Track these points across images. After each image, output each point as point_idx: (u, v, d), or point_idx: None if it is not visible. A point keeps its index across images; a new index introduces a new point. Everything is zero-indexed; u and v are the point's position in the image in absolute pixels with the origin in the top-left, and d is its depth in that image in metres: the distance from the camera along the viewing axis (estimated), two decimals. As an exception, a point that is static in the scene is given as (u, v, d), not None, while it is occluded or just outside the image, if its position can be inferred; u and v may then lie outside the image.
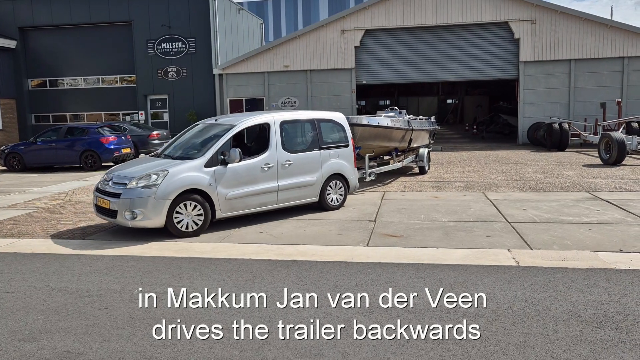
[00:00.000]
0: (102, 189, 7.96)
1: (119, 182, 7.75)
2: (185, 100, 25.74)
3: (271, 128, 8.63)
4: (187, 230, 7.64)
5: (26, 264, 6.49)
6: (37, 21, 26.66)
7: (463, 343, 3.97)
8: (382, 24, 23.10)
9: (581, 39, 21.79)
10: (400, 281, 5.43)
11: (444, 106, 44.36)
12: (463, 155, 18.85)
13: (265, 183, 8.38)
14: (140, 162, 8.74)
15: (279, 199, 8.64)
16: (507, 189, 11.25)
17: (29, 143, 17.55)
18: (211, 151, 7.94)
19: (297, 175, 8.79)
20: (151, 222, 7.49)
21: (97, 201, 8.02)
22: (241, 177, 8.10)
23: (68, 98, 27.38)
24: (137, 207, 7.38)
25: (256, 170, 8.29)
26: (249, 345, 4.03)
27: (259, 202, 8.38)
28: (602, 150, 15.22)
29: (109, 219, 7.84)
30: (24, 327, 4.52)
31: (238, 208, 8.15)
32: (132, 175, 7.74)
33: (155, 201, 7.40)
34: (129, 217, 7.45)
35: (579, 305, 4.66)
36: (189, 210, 7.63)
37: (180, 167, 7.71)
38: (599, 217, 8.27)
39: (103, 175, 8.39)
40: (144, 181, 7.51)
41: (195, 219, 7.69)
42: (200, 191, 7.71)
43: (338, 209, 9.45)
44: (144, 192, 7.42)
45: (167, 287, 5.45)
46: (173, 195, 7.49)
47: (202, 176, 7.74)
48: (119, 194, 7.54)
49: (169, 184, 7.48)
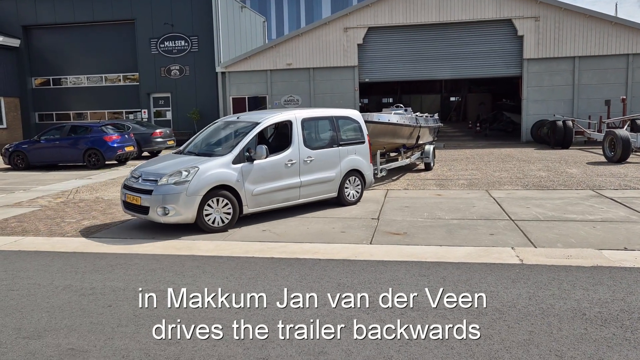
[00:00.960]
0: (131, 186, 8.03)
1: (148, 179, 7.84)
2: (188, 99, 25.76)
3: (293, 125, 8.80)
4: (216, 226, 7.79)
5: (30, 262, 6.51)
6: (41, 20, 26.71)
7: (467, 341, 3.96)
8: (385, 21, 23.05)
9: (585, 36, 21.70)
10: (403, 279, 5.42)
11: (447, 104, 44.26)
12: (466, 153, 18.80)
13: (289, 179, 8.56)
14: (165, 159, 8.83)
15: (301, 195, 8.81)
16: (510, 186, 11.22)
17: (32, 141, 17.60)
18: (238, 148, 8.09)
19: (318, 171, 8.98)
20: (182, 218, 7.59)
21: (125, 198, 8.07)
22: (266, 174, 8.27)
23: (71, 96, 27.45)
24: (169, 203, 7.49)
25: (280, 166, 8.45)
26: (252, 344, 4.03)
27: (283, 197, 8.55)
28: (607, 148, 15.16)
29: (140, 215, 7.91)
30: (28, 325, 4.53)
31: (263, 203, 8.32)
32: (161, 171, 7.85)
33: (186, 197, 7.51)
34: (160, 213, 7.54)
35: (584, 303, 4.65)
36: (218, 206, 7.78)
37: (210, 164, 7.84)
38: (603, 215, 8.24)
39: (130, 172, 8.48)
40: (175, 177, 7.61)
41: (224, 214, 7.83)
42: (228, 187, 7.87)
43: (355, 204, 9.61)
44: (176, 189, 7.53)
45: (170, 285, 5.46)
46: (204, 191, 7.62)
47: (230, 172, 7.89)
48: (151, 191, 7.64)
49: (199, 181, 7.61)
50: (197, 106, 25.59)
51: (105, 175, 15.09)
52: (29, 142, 17.64)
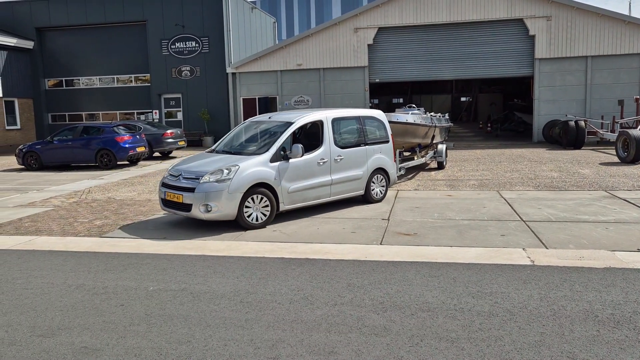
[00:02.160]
0: (172, 184, 8.21)
1: (189, 177, 8.03)
2: (198, 99, 25.90)
3: (324, 125, 9.05)
4: (255, 223, 8.00)
5: (44, 261, 6.59)
6: (54, 22, 27.01)
7: (477, 342, 3.95)
8: (395, 21, 23.00)
9: (598, 35, 21.50)
10: (413, 280, 5.42)
11: (458, 104, 44.04)
12: (477, 153, 18.71)
13: (321, 177, 8.81)
14: (200, 157, 8.96)
15: (332, 192, 9.06)
16: (521, 187, 11.15)
17: (45, 142, 17.79)
18: (275, 147, 8.31)
19: (347, 169, 9.24)
20: (224, 215, 7.78)
21: (165, 196, 8.26)
22: (300, 172, 8.51)
23: (84, 97, 27.72)
24: (212, 201, 7.67)
25: (313, 165, 8.69)
26: (263, 343, 4.05)
27: (315, 195, 8.79)
28: (620, 148, 15.00)
29: (181, 212, 8.07)
30: (42, 323, 4.59)
31: (298, 201, 8.55)
32: (202, 170, 8.03)
33: (228, 194, 7.71)
34: (203, 210, 7.72)
35: (596, 305, 4.61)
36: (257, 203, 8.01)
37: (249, 162, 8.05)
38: (616, 216, 8.16)
39: (167, 171, 8.67)
40: (216, 175, 7.80)
41: (263, 211, 8.06)
42: (266, 185, 8.09)
43: (380, 201, 9.88)
44: (218, 186, 7.72)
45: (181, 284, 5.50)
46: (244, 188, 7.83)
47: (268, 171, 8.13)
48: (193, 189, 7.81)
49: (240, 178, 7.82)
50: (207, 107, 25.72)
51: (117, 176, 15.22)
52: (42, 143, 17.84)
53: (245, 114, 25.27)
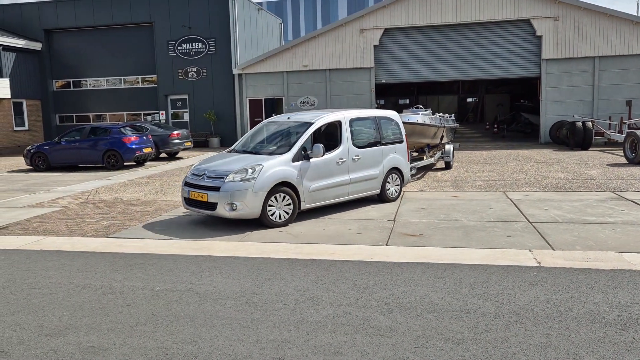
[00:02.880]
0: (196, 183, 8.33)
1: (214, 176, 8.16)
2: (205, 100, 25.99)
3: (342, 125, 9.21)
4: (279, 221, 8.16)
5: (52, 261, 6.64)
6: (62, 23, 27.20)
7: (483, 344, 3.94)
8: (401, 22, 22.98)
9: (606, 36, 21.37)
10: (419, 281, 5.41)
11: (464, 105, 43.91)
12: (483, 154, 18.65)
13: (340, 176, 8.95)
14: (221, 157, 9.11)
15: (350, 191, 9.21)
16: (528, 188, 11.11)
17: (53, 143, 17.91)
18: (296, 147, 8.46)
19: (364, 169, 9.39)
20: (248, 213, 7.93)
21: (189, 195, 8.39)
22: (321, 171, 8.66)
23: (91, 98, 27.89)
24: (237, 199, 7.81)
25: (332, 164, 8.83)
26: (269, 344, 4.06)
27: (334, 194, 8.95)
28: (628, 149, 14.91)
29: (205, 211, 8.20)
30: (50, 323, 4.62)
31: (318, 200, 8.70)
32: (226, 169, 8.17)
33: (253, 193, 7.86)
34: (228, 209, 7.86)
35: (603, 306, 4.59)
36: (280, 202, 8.16)
37: (272, 162, 8.18)
38: (623, 217, 8.11)
39: (189, 171, 8.78)
40: (241, 175, 7.94)
41: (285, 210, 8.22)
42: (289, 184, 8.23)
43: (395, 200, 10.06)
44: (243, 185, 7.85)
45: (187, 284, 5.53)
46: (268, 187, 7.98)
47: (291, 170, 8.28)
48: (218, 187, 7.94)
49: (264, 178, 7.96)
50: (214, 108, 25.81)
51: (124, 177, 15.29)
52: (50, 144, 17.96)
53: (252, 115, 25.33)
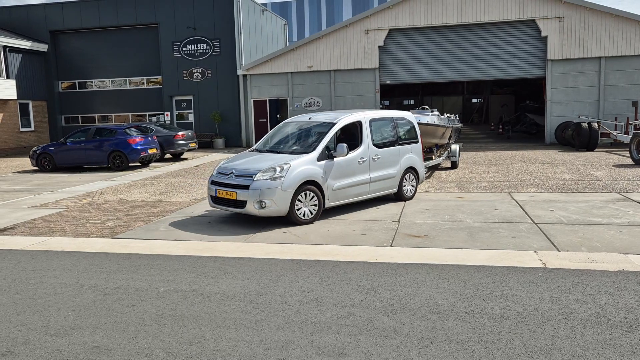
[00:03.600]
0: (224, 182, 8.50)
1: (242, 175, 8.33)
2: (210, 101, 26.05)
3: (363, 125, 9.42)
4: (305, 218, 8.35)
5: (57, 262, 6.66)
6: (68, 25, 27.33)
7: (488, 345, 3.93)
8: (406, 23, 22.96)
9: (611, 36, 21.28)
10: (424, 282, 5.40)
11: (469, 105, 43.86)
12: (488, 155, 18.60)
13: (361, 175, 9.17)
14: (245, 156, 9.24)
15: (370, 190, 9.41)
16: (533, 189, 11.07)
17: (59, 144, 17.99)
18: (321, 146, 8.66)
19: (383, 168, 9.62)
20: (277, 211, 8.10)
21: (216, 193, 8.55)
22: (343, 170, 8.87)
23: (96, 99, 28.00)
24: (266, 197, 7.99)
25: (354, 163, 9.04)
26: (273, 344, 4.06)
27: (356, 192, 9.15)
28: (634, 150, 14.83)
29: (233, 209, 8.37)
30: (55, 323, 4.64)
31: (341, 198, 8.91)
32: (254, 168, 8.34)
33: (282, 191, 8.04)
34: (257, 207, 8.04)
35: (608, 308, 4.56)
36: (307, 199, 8.35)
37: (299, 161, 8.38)
38: (630, 218, 8.07)
39: (215, 170, 8.92)
40: (269, 173, 8.12)
41: (311, 207, 8.41)
42: (314, 182, 8.44)
43: (411, 199, 10.29)
44: (272, 184, 8.03)
45: (192, 285, 5.54)
46: (296, 186, 8.17)
47: (316, 169, 8.49)
48: (247, 186, 8.11)
49: (292, 176, 8.16)
50: (218, 108, 25.86)
51: (129, 177, 15.34)
52: (56, 145, 18.04)
53: (256, 116, 25.36)
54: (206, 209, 9.88)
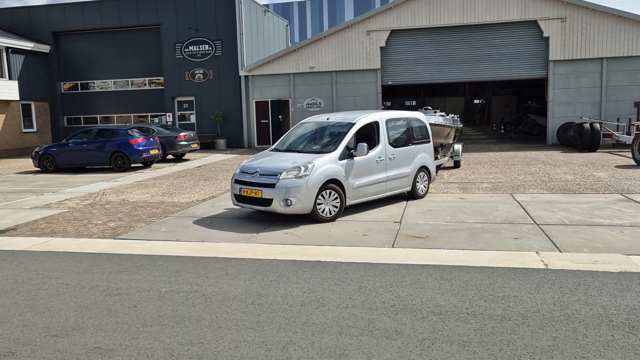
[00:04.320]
0: (249, 181, 8.65)
1: (267, 174, 8.50)
2: (211, 102, 26.07)
3: (380, 125, 9.64)
4: (327, 216, 8.53)
5: (59, 262, 6.68)
6: (70, 26, 27.38)
7: (489, 346, 3.92)
8: (408, 24, 22.95)
9: (614, 37, 21.24)
10: (425, 283, 5.39)
11: (471, 106, 43.82)
12: (490, 156, 18.58)
13: (378, 174, 9.40)
14: (267, 156, 9.38)
15: (387, 188, 9.65)
16: (535, 190, 11.05)
17: (61, 145, 18.01)
18: (342, 145, 8.85)
19: (399, 167, 9.86)
20: (302, 209, 8.27)
21: (241, 192, 8.70)
22: (362, 169, 9.07)
23: (98, 100, 28.04)
24: (292, 195, 8.15)
25: (372, 162, 9.26)
26: (274, 345, 4.06)
27: (374, 191, 9.37)
28: (636, 151, 14.80)
29: (259, 207, 8.55)
30: (57, 324, 4.65)
31: (360, 196, 9.11)
32: (279, 167, 8.51)
33: (307, 190, 8.22)
34: (283, 205, 8.20)
35: (611, 309, 4.55)
36: (329, 198, 8.53)
37: (322, 160, 8.56)
38: (632, 219, 8.05)
39: (238, 169, 9.04)
40: (294, 172, 8.30)
41: (332, 206, 8.57)
42: (336, 181, 8.63)
43: (423, 197, 10.52)
44: (298, 182, 8.21)
45: (193, 286, 5.54)
46: (320, 184, 8.37)
47: (338, 168, 8.69)
48: (273, 184, 8.27)
49: (316, 175, 8.35)
50: (220, 109, 25.88)
51: (131, 178, 15.36)
52: (58, 145, 18.07)
53: (258, 117, 25.38)
54: (206, 210, 9.89)
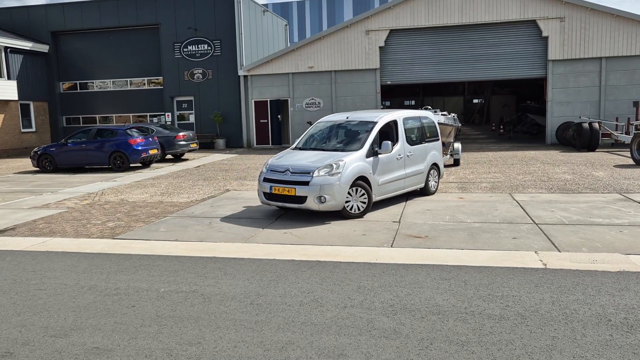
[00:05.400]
0: (280, 179, 8.75)
1: (299, 172, 8.62)
2: (211, 102, 26.05)
3: (398, 124, 9.88)
4: (356, 212, 8.71)
5: (57, 262, 6.67)
6: (69, 26, 27.36)
7: (488, 346, 3.92)
8: (406, 23, 22.96)
9: (612, 36, 21.26)
10: (424, 282, 5.39)
11: (470, 106, 43.83)
12: (489, 155, 18.59)
13: (399, 171, 9.68)
14: (293, 154, 9.46)
15: (405, 185, 9.91)
16: (534, 190, 11.06)
17: (60, 144, 18.00)
18: (368, 143, 9.08)
19: (415, 164, 10.15)
20: (334, 205, 8.47)
21: (271, 190, 8.80)
22: (385, 166, 9.31)
23: (97, 100, 28.02)
24: (326, 192, 8.35)
25: (394, 160, 9.53)
26: (273, 345, 4.06)
27: (395, 187, 9.64)
28: (635, 151, 14.81)
29: (292, 204, 8.66)
30: (55, 324, 4.64)
31: (383, 193, 9.33)
32: (309, 165, 8.67)
33: (339, 187, 8.43)
34: (317, 202, 8.38)
35: (609, 309, 4.55)
36: (356, 194, 8.72)
37: (352, 157, 8.77)
38: (631, 219, 8.06)
39: (265, 168, 9.14)
40: (327, 170, 8.48)
41: (360, 202, 8.76)
42: (364, 178, 8.82)
43: (434, 194, 10.77)
44: (331, 179, 8.40)
45: (192, 286, 5.54)
46: (351, 181, 8.57)
47: (366, 165, 8.93)
48: (307, 182, 8.42)
49: (347, 172, 8.55)
50: (219, 109, 25.86)
51: (130, 178, 15.35)
52: (57, 145, 18.05)
53: (257, 117, 25.37)
54: (205, 210, 9.88)
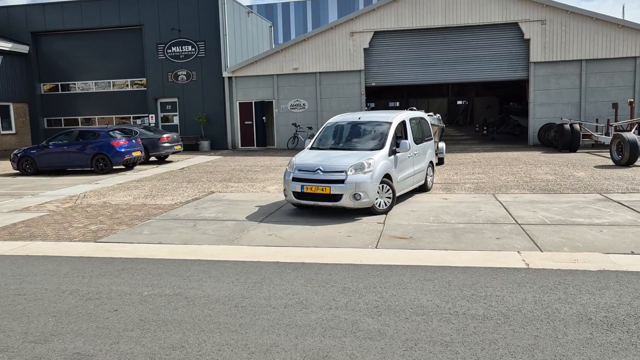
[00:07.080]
0: (312, 178, 8.86)
1: (331, 171, 8.80)
2: (195, 104, 25.88)
3: (406, 124, 10.35)
4: (382, 208, 9.04)
5: (38, 267, 6.56)
6: (49, 26, 26.97)
7: (472, 346, 3.95)
8: (391, 25, 23.07)
9: (592, 39, 21.61)
10: (408, 283, 5.42)
11: (454, 107, 44.21)
12: (473, 156, 18.75)
13: (410, 168, 10.19)
14: (313, 154, 9.60)
15: (413, 182, 10.42)
16: (517, 190, 11.18)
17: (41, 147, 17.73)
18: (389, 142, 9.44)
19: (419, 162, 10.69)
20: (367, 202, 8.75)
21: (303, 189, 8.89)
22: (402, 164, 9.78)
23: (79, 102, 27.66)
24: (361, 190, 8.63)
25: (406, 158, 10.01)
26: (257, 348, 4.04)
27: (408, 183, 10.19)
28: (614, 151, 15.06)
29: (325, 202, 8.82)
30: (35, 329, 4.57)
31: (401, 189, 9.80)
32: (340, 164, 8.86)
33: (372, 184, 8.73)
34: (352, 199, 8.63)
35: (590, 307, 4.62)
36: (382, 191, 9.03)
37: (378, 156, 9.09)
38: (610, 218, 8.19)
39: (293, 167, 9.18)
40: (359, 168, 8.74)
41: (386, 198, 9.10)
42: (388, 175, 9.18)
43: (430, 190, 11.34)
44: (364, 177, 8.69)
45: (176, 289, 5.49)
46: (380, 178, 8.90)
47: (389, 163, 9.30)
48: (342, 180, 8.64)
49: (377, 170, 8.86)
50: (204, 111, 25.71)
51: (112, 180, 15.18)
52: (38, 148, 17.78)
53: (242, 118, 25.28)
54: (189, 212, 9.81)
